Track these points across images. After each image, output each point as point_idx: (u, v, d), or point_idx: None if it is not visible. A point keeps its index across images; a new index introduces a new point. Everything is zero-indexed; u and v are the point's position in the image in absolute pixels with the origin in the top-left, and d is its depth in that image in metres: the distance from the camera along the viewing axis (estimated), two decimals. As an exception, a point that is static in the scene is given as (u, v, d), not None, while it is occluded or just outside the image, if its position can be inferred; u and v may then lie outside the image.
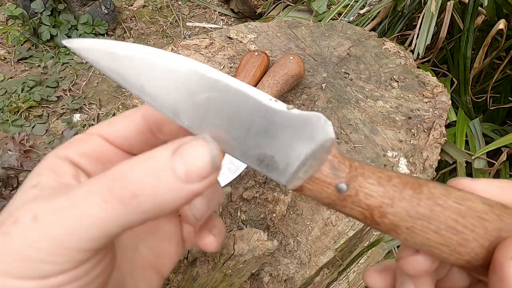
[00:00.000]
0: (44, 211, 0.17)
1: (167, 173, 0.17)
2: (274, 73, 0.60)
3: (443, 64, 1.14)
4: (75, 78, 1.62)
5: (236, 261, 0.46)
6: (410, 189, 0.20)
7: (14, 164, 1.03)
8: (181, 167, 0.17)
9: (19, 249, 0.17)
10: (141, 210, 0.17)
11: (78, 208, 0.17)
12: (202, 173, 0.17)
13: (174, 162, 0.17)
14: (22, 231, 0.17)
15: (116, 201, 0.17)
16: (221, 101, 0.19)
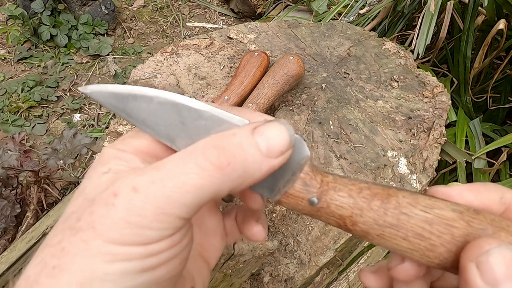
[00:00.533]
0: (142, 183, 0.19)
1: (252, 147, 0.19)
2: (274, 73, 0.60)
3: (443, 64, 1.15)
4: (75, 78, 1.62)
5: (236, 261, 0.46)
6: (378, 200, 0.22)
7: (14, 164, 1.03)
8: (263, 143, 0.19)
9: (125, 217, 0.18)
10: (232, 178, 0.19)
11: (176, 178, 0.19)
12: (281, 149, 0.20)
13: (257, 138, 0.19)
14: (126, 201, 0.19)
15: (214, 167, 0.19)
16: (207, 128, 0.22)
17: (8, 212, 0.99)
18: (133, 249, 0.19)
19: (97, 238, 0.18)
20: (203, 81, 0.66)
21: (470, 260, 0.19)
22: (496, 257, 0.19)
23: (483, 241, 0.20)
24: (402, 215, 0.21)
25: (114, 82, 1.62)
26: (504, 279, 0.18)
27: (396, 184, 0.56)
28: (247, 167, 0.19)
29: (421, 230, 0.21)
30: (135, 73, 0.66)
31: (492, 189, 0.23)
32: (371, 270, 0.26)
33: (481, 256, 0.19)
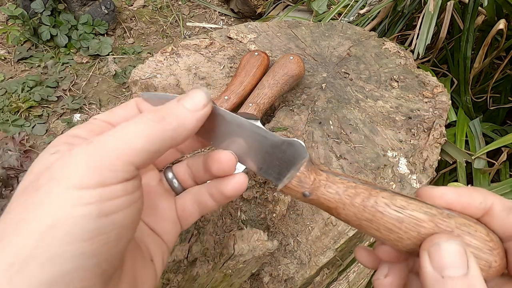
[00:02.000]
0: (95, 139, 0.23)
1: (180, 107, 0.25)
2: (274, 73, 0.60)
3: (443, 64, 1.15)
4: (75, 78, 1.62)
5: (236, 261, 0.46)
6: (360, 198, 0.26)
7: (14, 164, 1.03)
8: (187, 103, 0.26)
9: (83, 162, 0.21)
10: (171, 127, 0.24)
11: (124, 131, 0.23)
12: (202, 102, 0.26)
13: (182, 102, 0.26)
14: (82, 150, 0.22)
15: (152, 121, 0.24)
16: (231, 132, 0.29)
17: (8, 212, 0.99)
18: (92, 192, 0.21)
19: (59, 186, 0.21)
20: (203, 81, 0.66)
21: (424, 249, 0.24)
22: (444, 248, 0.23)
23: (437, 236, 0.24)
24: (378, 213, 0.26)
25: (114, 82, 1.62)
26: (448, 266, 0.22)
27: (396, 184, 0.56)
28: (180, 120, 0.25)
29: (391, 226, 0.25)
30: (135, 73, 0.66)
31: (474, 193, 0.26)
32: (365, 248, 0.31)
33: (431, 247, 0.23)
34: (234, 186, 0.30)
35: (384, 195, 0.26)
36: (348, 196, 0.27)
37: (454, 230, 0.24)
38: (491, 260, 0.24)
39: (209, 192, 0.31)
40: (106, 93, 1.60)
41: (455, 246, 0.23)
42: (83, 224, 0.21)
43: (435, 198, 0.26)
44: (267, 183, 0.52)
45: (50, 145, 0.25)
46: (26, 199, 0.21)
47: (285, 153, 0.28)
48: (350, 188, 0.27)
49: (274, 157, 0.29)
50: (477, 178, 0.77)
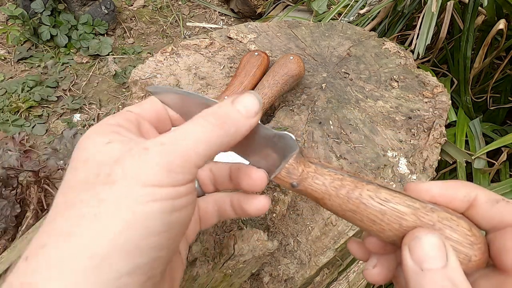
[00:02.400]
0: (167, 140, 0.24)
1: (236, 112, 0.26)
2: (274, 73, 0.60)
3: (443, 64, 1.14)
4: (75, 78, 1.62)
5: (236, 261, 0.46)
6: (345, 190, 0.28)
7: (14, 164, 1.03)
8: (242, 108, 0.26)
9: (158, 163, 0.23)
10: (229, 133, 0.25)
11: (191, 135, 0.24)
12: (255, 110, 0.26)
13: (237, 106, 0.26)
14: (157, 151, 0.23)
15: (213, 126, 0.25)
16: None
17: (8, 212, 0.99)
18: (166, 190, 0.23)
19: (136, 183, 0.22)
20: (203, 81, 0.66)
21: (405, 243, 0.25)
22: (423, 242, 0.24)
23: (417, 230, 0.25)
24: (361, 204, 0.27)
25: (114, 82, 1.62)
26: (427, 259, 0.23)
27: (396, 184, 0.56)
28: (237, 125, 0.25)
29: (374, 217, 0.27)
30: (135, 73, 0.66)
31: (460, 186, 0.27)
32: (358, 240, 0.32)
33: (411, 240, 0.24)
34: (257, 207, 0.31)
35: (369, 188, 0.27)
36: (334, 187, 0.28)
37: (436, 224, 0.25)
38: (470, 254, 0.25)
39: (231, 203, 0.32)
40: (106, 93, 1.60)
41: (434, 239, 0.24)
42: (159, 219, 0.22)
43: (421, 192, 0.27)
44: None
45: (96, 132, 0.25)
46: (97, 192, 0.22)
47: (276, 145, 0.30)
48: (336, 180, 0.28)
49: (266, 149, 0.30)
50: (477, 178, 0.77)
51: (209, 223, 0.34)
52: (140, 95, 0.64)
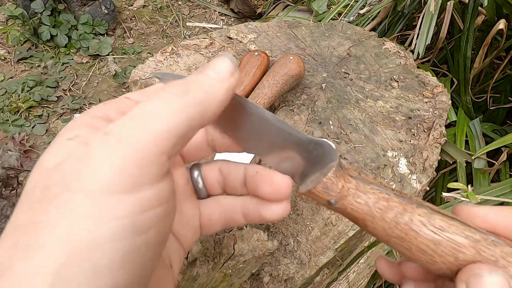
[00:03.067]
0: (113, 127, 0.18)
1: (204, 77, 0.21)
2: (274, 73, 0.60)
3: (443, 64, 1.14)
4: (75, 78, 1.62)
5: (236, 261, 0.46)
6: (393, 213, 0.24)
7: (14, 164, 1.03)
8: (211, 72, 0.22)
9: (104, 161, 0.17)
10: (197, 101, 0.20)
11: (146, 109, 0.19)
12: (229, 70, 0.22)
13: (206, 72, 0.22)
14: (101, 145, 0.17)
15: (176, 95, 0.20)
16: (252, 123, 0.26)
17: (8, 212, 0.99)
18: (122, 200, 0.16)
19: (76, 196, 0.16)
20: (203, 81, 0.66)
21: (461, 281, 0.21)
22: (485, 280, 0.20)
23: (476, 265, 0.21)
24: (411, 231, 0.23)
25: (114, 82, 1.62)
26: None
27: (396, 184, 0.56)
28: (206, 90, 0.21)
29: (425, 247, 0.23)
30: (135, 73, 0.66)
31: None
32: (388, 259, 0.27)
33: (471, 277, 0.20)
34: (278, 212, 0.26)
35: (421, 212, 0.23)
36: (379, 209, 0.24)
37: (499, 260, 0.22)
38: None
39: (243, 209, 0.27)
40: (106, 93, 1.60)
41: (497, 278, 0.20)
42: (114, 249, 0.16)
43: (475, 218, 0.23)
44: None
45: (68, 126, 0.20)
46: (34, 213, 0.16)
47: (311, 154, 0.26)
48: (382, 200, 0.24)
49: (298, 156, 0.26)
50: (477, 178, 0.77)
51: (212, 230, 0.29)
52: (140, 95, 0.64)
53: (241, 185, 0.27)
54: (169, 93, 0.19)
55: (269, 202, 0.26)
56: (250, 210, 0.27)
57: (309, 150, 0.26)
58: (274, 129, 0.26)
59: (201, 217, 0.28)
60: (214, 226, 0.29)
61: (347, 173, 0.26)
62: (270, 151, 0.27)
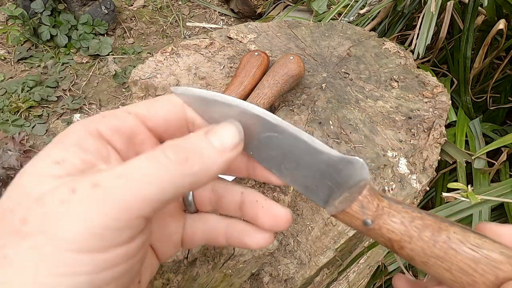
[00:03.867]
0: (104, 179, 0.18)
1: (206, 145, 0.21)
2: (274, 73, 0.60)
3: (443, 64, 1.14)
4: (75, 78, 1.62)
5: (236, 261, 0.46)
6: (429, 231, 0.23)
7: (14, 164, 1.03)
8: (216, 140, 0.21)
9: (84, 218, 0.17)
10: (192, 172, 0.20)
11: (140, 171, 0.18)
12: (233, 142, 0.22)
13: (210, 138, 0.21)
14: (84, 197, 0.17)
15: (172, 163, 0.19)
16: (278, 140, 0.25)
17: (8, 212, 0.99)
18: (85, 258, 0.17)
19: (48, 244, 0.16)
20: (203, 81, 0.66)
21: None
22: None
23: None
24: (451, 250, 0.22)
25: (114, 82, 1.62)
26: None
27: (396, 184, 0.56)
28: (204, 162, 0.20)
29: (466, 266, 0.22)
30: (135, 73, 0.66)
31: None
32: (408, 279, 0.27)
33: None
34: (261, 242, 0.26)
35: (456, 230, 0.23)
36: (416, 228, 0.23)
37: None
38: None
39: (227, 232, 0.27)
40: (106, 93, 1.60)
41: None
42: None
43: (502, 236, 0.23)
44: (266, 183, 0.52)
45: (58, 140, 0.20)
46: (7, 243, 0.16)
47: (341, 173, 0.25)
48: (416, 219, 0.23)
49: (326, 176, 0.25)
50: (477, 178, 0.77)
51: (193, 246, 0.28)
52: (140, 95, 0.64)
53: (235, 208, 0.27)
54: (167, 158, 0.19)
55: (254, 231, 0.26)
56: (234, 235, 0.27)
57: (339, 169, 0.25)
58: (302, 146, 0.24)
59: (184, 233, 0.28)
60: (196, 242, 0.28)
61: (379, 193, 0.25)
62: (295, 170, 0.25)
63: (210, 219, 0.28)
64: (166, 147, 0.20)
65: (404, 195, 0.55)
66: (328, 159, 0.25)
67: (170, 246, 0.27)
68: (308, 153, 0.25)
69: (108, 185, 0.18)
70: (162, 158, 0.19)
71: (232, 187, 0.27)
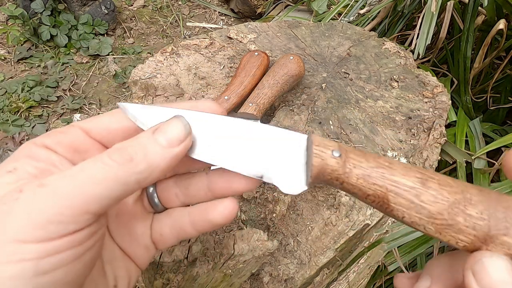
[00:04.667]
0: (51, 179, 0.20)
1: (152, 143, 0.22)
2: (274, 73, 0.60)
3: (443, 64, 1.14)
4: (75, 78, 1.62)
5: (236, 261, 0.46)
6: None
7: (14, 164, 1.03)
8: (162, 138, 0.22)
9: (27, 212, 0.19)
10: (138, 170, 0.21)
11: (85, 171, 0.20)
12: (179, 138, 0.22)
13: (156, 136, 0.22)
14: (30, 195, 0.19)
15: (117, 163, 0.21)
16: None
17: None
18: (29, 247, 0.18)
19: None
20: (203, 81, 0.66)
21: (467, 269, 0.21)
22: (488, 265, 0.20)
23: (479, 252, 0.21)
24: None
25: (114, 82, 1.62)
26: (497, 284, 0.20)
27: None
28: (151, 159, 0.21)
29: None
30: (135, 73, 0.66)
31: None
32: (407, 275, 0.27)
33: (475, 264, 0.21)
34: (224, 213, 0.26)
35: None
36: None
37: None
38: None
39: (191, 217, 0.27)
40: (106, 93, 1.60)
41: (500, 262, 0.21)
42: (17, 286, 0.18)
43: None
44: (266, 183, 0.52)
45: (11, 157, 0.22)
46: None
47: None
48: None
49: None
50: (477, 178, 0.77)
51: (167, 244, 0.29)
52: (140, 95, 0.64)
53: (205, 193, 0.27)
54: (111, 160, 0.21)
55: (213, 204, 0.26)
56: (197, 216, 0.27)
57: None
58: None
59: (152, 233, 0.29)
60: (167, 240, 0.29)
61: None
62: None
63: (173, 212, 0.29)
64: (111, 150, 0.22)
65: (404, 195, 0.55)
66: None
67: (141, 249, 0.28)
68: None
69: (54, 185, 0.20)
70: (106, 160, 0.21)
71: (197, 174, 0.28)
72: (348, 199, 0.54)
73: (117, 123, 0.26)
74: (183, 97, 0.63)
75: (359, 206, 0.54)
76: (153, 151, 0.22)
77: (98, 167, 0.20)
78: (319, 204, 0.54)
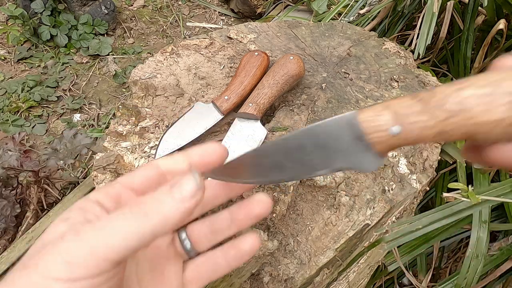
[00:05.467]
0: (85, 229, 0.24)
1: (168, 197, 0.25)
2: (274, 73, 0.60)
3: (443, 64, 1.14)
4: (75, 78, 1.62)
5: (236, 261, 0.46)
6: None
7: (14, 164, 1.03)
8: (177, 192, 0.25)
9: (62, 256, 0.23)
10: (153, 223, 0.24)
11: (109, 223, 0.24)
12: (191, 194, 0.25)
13: (173, 191, 0.25)
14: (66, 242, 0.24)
15: (133, 217, 0.24)
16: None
17: (8, 212, 0.99)
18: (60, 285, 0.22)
19: (37, 274, 0.23)
20: (203, 81, 0.66)
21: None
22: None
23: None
24: None
25: (114, 82, 1.62)
26: None
27: (396, 184, 0.56)
28: (163, 213, 0.25)
29: None
30: (135, 73, 0.66)
31: None
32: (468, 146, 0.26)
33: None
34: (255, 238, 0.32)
35: None
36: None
37: None
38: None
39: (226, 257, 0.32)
40: (106, 93, 1.60)
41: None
42: None
43: None
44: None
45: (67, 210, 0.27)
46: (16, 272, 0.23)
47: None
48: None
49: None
50: (477, 178, 0.77)
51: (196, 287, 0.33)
52: (140, 95, 0.64)
53: (227, 227, 0.32)
54: (128, 214, 0.24)
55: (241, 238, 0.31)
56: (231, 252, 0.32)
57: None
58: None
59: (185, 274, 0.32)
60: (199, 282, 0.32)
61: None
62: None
63: (206, 254, 0.32)
64: (132, 204, 0.25)
65: (404, 195, 0.55)
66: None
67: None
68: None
69: (85, 234, 0.24)
70: (127, 214, 0.24)
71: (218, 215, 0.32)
72: (348, 199, 0.54)
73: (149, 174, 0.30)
74: (183, 97, 0.63)
75: (359, 206, 0.54)
76: (167, 205, 0.25)
77: (118, 219, 0.24)
78: (319, 204, 0.54)
